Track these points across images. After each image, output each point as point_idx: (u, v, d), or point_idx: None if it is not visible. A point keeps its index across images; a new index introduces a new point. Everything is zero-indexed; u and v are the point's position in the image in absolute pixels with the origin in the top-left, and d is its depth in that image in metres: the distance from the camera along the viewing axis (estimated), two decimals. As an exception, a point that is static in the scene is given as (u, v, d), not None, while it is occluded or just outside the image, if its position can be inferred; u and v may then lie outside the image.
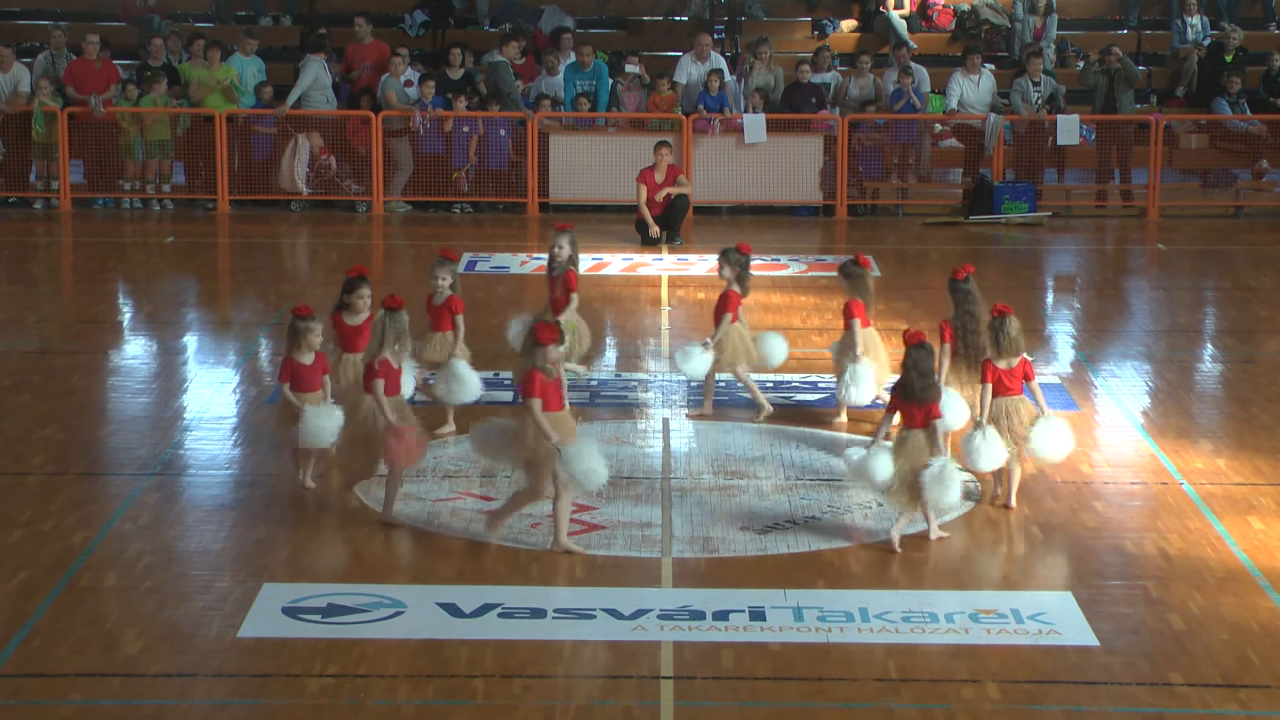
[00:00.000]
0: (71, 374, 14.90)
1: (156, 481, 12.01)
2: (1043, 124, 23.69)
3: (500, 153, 23.47)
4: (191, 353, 16.22)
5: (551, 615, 9.74)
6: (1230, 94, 24.53)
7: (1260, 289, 19.27)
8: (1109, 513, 11.58)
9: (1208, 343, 17.06)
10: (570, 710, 8.65)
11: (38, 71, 23.60)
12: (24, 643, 9.29)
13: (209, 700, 8.73)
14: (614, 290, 18.68)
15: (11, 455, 12.57)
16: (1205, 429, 13.58)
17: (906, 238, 22.40)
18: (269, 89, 23.68)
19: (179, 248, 21.48)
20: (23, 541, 10.79)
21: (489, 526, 10.91)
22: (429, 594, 10.02)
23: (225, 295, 19.04)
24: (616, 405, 13.98)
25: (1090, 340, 16.62)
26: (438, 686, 8.93)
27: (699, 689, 8.91)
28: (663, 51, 27.04)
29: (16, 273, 19.83)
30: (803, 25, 28.34)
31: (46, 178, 23.62)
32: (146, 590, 10.06)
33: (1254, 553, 10.77)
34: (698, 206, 23.19)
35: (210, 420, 13.56)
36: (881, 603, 9.92)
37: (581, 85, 23.84)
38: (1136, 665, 9.17)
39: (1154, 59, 27.28)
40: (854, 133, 23.60)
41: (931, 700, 8.80)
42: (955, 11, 27.98)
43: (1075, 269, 21.30)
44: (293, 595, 9.96)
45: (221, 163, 23.30)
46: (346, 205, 23.53)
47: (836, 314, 17.41)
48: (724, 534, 10.91)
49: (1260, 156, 24.45)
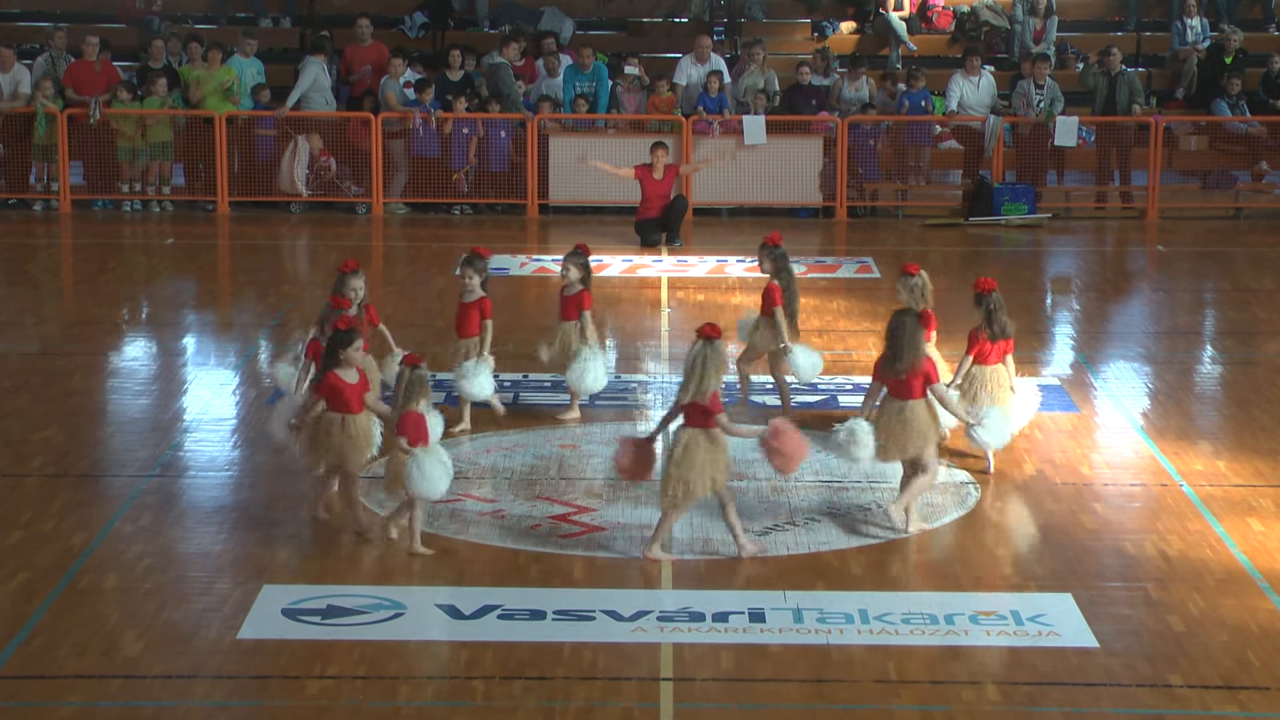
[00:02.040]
0: (71, 376, 14.90)
1: (156, 483, 12.01)
2: (1043, 126, 23.70)
3: (500, 154, 23.47)
4: (191, 354, 16.22)
5: (551, 617, 9.73)
6: (1230, 95, 24.54)
7: (1260, 291, 19.27)
8: (1109, 514, 11.58)
9: (1207, 344, 17.06)
10: (570, 712, 8.65)
11: (37, 73, 23.60)
12: (24, 644, 9.29)
13: (209, 702, 8.73)
14: (614, 292, 18.68)
15: (11, 457, 12.57)
16: (1205, 431, 13.58)
17: (906, 239, 22.40)
18: (266, 91, 23.68)
19: (179, 249, 21.48)
20: (22, 543, 10.79)
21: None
22: (428, 595, 10.03)
23: (225, 297, 19.04)
24: (616, 406, 13.98)
25: (1090, 342, 16.62)
26: (437, 688, 8.94)
27: (699, 690, 8.91)
28: (662, 53, 27.03)
29: (16, 274, 19.84)
30: (802, 27, 28.34)
31: (46, 179, 23.63)
32: (146, 592, 10.06)
33: (1254, 554, 10.77)
34: (697, 208, 23.20)
35: (210, 422, 13.56)
36: (881, 604, 9.92)
37: (581, 87, 23.85)
38: (1136, 667, 9.17)
39: (1154, 61, 27.27)
40: (858, 137, 23.62)
41: (931, 702, 8.80)
42: (955, 13, 27.98)
43: (1075, 271, 21.30)
44: (292, 597, 9.96)
45: (221, 164, 23.30)
46: (346, 207, 23.54)
47: (836, 315, 17.46)
48: (724, 535, 10.91)
49: (1260, 158, 24.47)
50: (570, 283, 13.46)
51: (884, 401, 11.07)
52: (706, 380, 10.31)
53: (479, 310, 13.00)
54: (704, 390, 10.31)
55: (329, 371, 10.82)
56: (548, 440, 13.00)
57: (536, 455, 12.64)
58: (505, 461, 12.44)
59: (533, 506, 11.52)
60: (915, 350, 10.93)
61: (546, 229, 22.86)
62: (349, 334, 10.84)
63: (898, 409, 10.98)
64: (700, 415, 10.41)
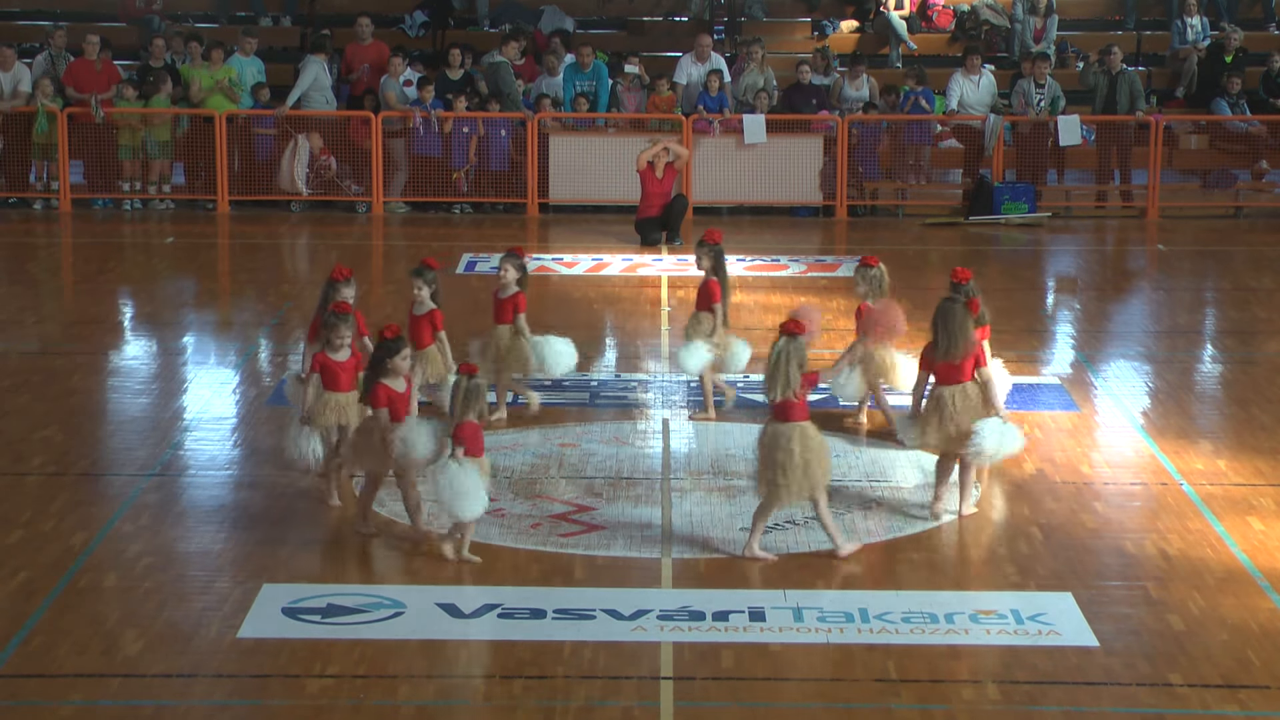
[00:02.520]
0: (71, 375, 14.90)
1: (156, 482, 12.01)
2: (1044, 125, 23.69)
3: (500, 153, 23.47)
4: (191, 353, 16.22)
5: (551, 616, 9.73)
6: (1230, 95, 24.54)
7: (1260, 290, 19.27)
8: (1109, 513, 11.58)
9: (1208, 343, 17.06)
10: (570, 711, 8.65)
11: (37, 72, 23.60)
12: (24, 643, 9.29)
13: (209, 701, 8.73)
14: (613, 291, 18.68)
15: (11, 456, 12.56)
16: (1205, 430, 13.57)
17: (906, 238, 22.39)
18: (266, 90, 23.68)
19: (179, 248, 21.48)
20: (23, 542, 10.79)
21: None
22: (429, 594, 10.02)
23: (225, 296, 19.04)
24: (616, 406, 13.97)
25: (1090, 341, 16.62)
26: (438, 687, 8.94)
27: (699, 689, 8.91)
28: (662, 52, 27.04)
29: (16, 273, 19.83)
30: (802, 26, 28.35)
31: (46, 178, 23.63)
32: (146, 591, 10.05)
33: (1254, 553, 10.77)
34: (698, 207, 23.20)
35: (210, 421, 13.56)
36: (881, 603, 9.92)
37: (581, 86, 23.85)
38: (1136, 666, 9.17)
39: (1154, 60, 27.28)
40: (863, 135, 23.62)
41: (931, 701, 8.80)
42: (955, 12, 27.99)
43: (1075, 270, 21.29)
44: (292, 596, 9.95)
45: (221, 163, 23.30)
46: (346, 206, 23.54)
47: (836, 314, 17.46)
48: (724, 534, 10.91)
49: (1260, 157, 24.46)
50: (506, 284, 13.33)
51: (935, 389, 11.22)
52: (792, 376, 10.36)
53: (430, 323, 12.67)
54: (791, 386, 10.37)
55: (378, 384, 10.58)
56: (548, 439, 13.00)
57: (536, 454, 12.63)
58: (505, 461, 12.44)
59: (533, 505, 11.52)
60: (966, 335, 11.08)
61: (546, 228, 22.87)
62: (396, 342, 10.57)
63: (952, 393, 11.10)
64: (791, 411, 10.45)
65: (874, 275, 13.18)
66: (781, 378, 10.38)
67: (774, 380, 10.41)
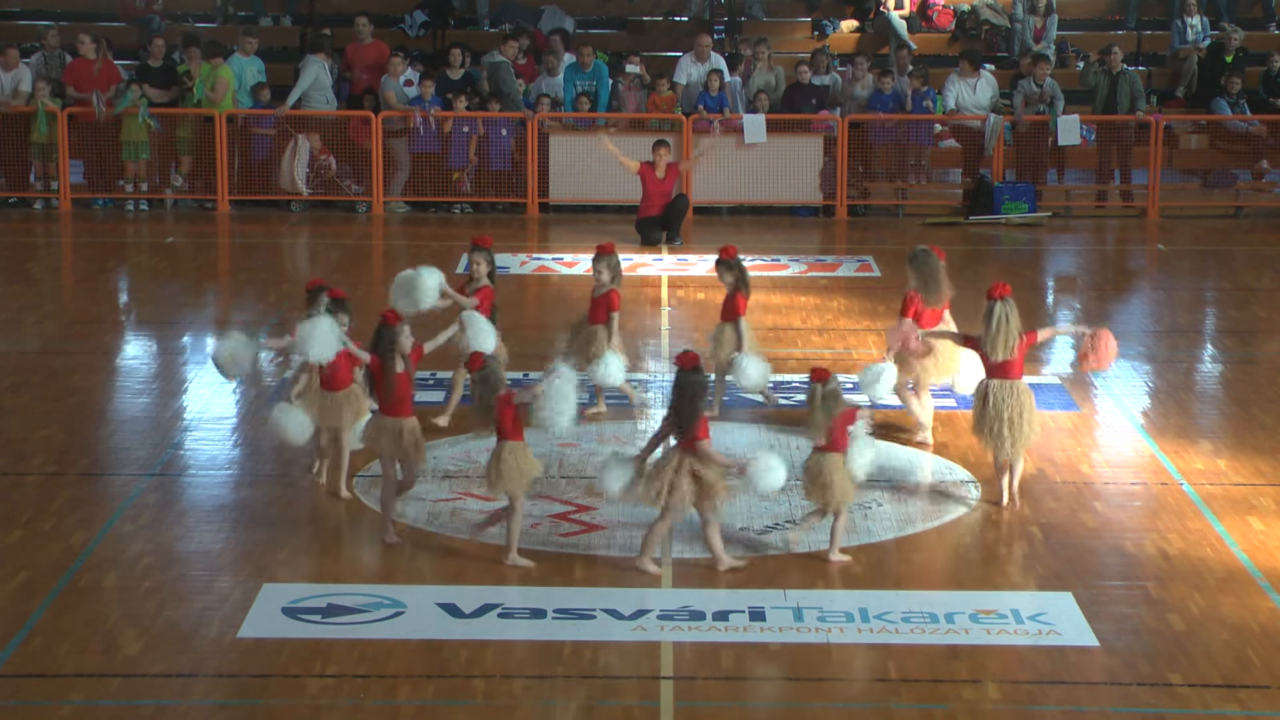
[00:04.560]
0: (71, 374, 14.90)
1: (156, 482, 12.01)
2: (1044, 125, 23.68)
3: (501, 153, 23.47)
4: (191, 353, 16.21)
5: (551, 615, 9.74)
6: (1230, 94, 24.53)
7: (1260, 289, 19.27)
8: (1109, 513, 11.58)
9: (1208, 343, 17.06)
10: (570, 710, 8.65)
11: (33, 73, 23.58)
12: (24, 643, 9.30)
13: (209, 700, 8.73)
14: (614, 290, 18.66)
15: (11, 455, 12.57)
16: (1205, 429, 13.58)
17: (906, 238, 22.38)
18: (266, 90, 23.68)
19: (179, 248, 21.48)
20: (23, 542, 10.79)
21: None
22: (429, 594, 10.03)
23: (225, 296, 19.04)
24: (616, 405, 13.97)
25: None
26: (438, 687, 8.94)
27: (699, 689, 8.91)
28: (663, 52, 27.03)
29: (16, 273, 19.83)
30: (803, 25, 28.34)
31: (45, 178, 23.63)
32: (146, 590, 10.06)
33: (1254, 553, 10.77)
34: (698, 207, 23.20)
35: (210, 421, 13.56)
36: (881, 603, 9.92)
37: (582, 85, 23.84)
38: (1136, 666, 9.17)
39: (1154, 59, 27.27)
40: (870, 134, 23.62)
41: (931, 701, 8.80)
42: (955, 12, 27.98)
43: (1075, 269, 21.30)
44: (292, 595, 9.96)
45: (221, 163, 23.30)
46: (346, 205, 23.54)
47: (837, 314, 17.46)
48: (724, 534, 10.90)
49: (1260, 157, 24.45)
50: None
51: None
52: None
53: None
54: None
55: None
56: (548, 439, 12.98)
57: (536, 454, 12.59)
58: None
59: (533, 505, 11.51)
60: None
61: (547, 228, 22.86)
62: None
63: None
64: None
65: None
66: (823, 419, 10.44)
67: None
